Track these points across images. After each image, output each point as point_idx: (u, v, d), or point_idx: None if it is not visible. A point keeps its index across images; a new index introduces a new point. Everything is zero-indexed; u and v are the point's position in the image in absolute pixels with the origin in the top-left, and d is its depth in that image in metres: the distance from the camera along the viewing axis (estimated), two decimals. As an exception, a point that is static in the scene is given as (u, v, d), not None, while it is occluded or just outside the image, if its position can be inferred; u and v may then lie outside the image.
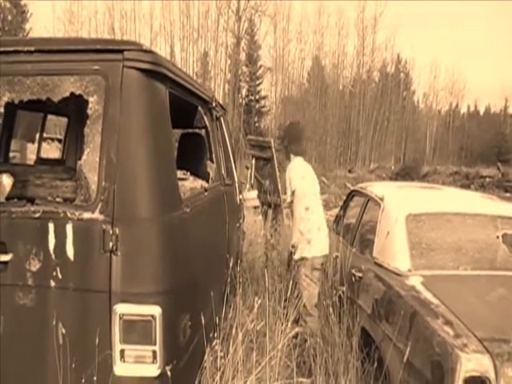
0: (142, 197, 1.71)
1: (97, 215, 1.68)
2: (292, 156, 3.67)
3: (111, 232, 1.67)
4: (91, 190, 1.72)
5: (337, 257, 3.72)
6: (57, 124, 12.44)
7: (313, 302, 3.40)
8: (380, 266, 3.01)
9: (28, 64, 1.76)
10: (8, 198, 1.90)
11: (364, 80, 37.68)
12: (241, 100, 32.28)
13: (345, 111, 36.56)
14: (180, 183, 2.14)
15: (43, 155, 4.36)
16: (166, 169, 1.87)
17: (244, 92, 33.87)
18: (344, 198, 4.77)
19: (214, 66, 31.25)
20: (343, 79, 38.18)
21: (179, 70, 2.20)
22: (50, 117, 4.24)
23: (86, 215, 1.69)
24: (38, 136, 4.35)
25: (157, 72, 1.82)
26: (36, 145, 4.43)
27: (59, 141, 6.50)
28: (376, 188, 3.85)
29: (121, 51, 1.74)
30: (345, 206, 4.49)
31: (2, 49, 1.76)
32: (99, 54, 1.74)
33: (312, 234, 3.42)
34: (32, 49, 1.75)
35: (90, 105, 1.75)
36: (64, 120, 4.32)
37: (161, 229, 1.74)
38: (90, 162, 1.74)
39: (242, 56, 32.56)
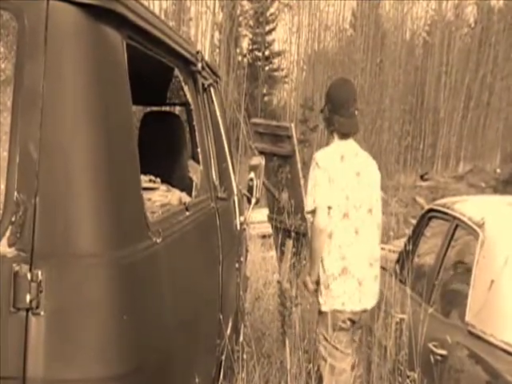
0: (82, 218, 1.73)
1: (3, 248, 1.69)
2: (335, 138, 3.74)
3: (29, 276, 1.67)
4: None
5: (401, 321, 3.73)
6: None
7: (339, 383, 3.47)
8: (478, 338, 3.02)
9: None
10: None
11: (449, 22, 37.75)
12: (240, 58, 32.53)
13: (415, 76, 36.68)
14: (145, 196, 2.17)
15: None
16: (123, 172, 1.89)
17: (245, 45, 34.22)
18: (413, 222, 4.78)
19: (196, 0, 31.54)
20: (412, 22, 38.37)
21: (144, 9, 2.24)
22: None
23: None
24: None
25: (107, 10, 1.85)
26: None
27: None
28: (470, 206, 3.87)
29: None
30: (415, 237, 4.50)
31: None
32: None
33: (333, 273, 3.52)
34: None
35: None
36: None
37: (115, 271, 1.75)
38: None
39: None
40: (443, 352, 3.21)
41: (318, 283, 3.61)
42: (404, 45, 36.47)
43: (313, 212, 3.58)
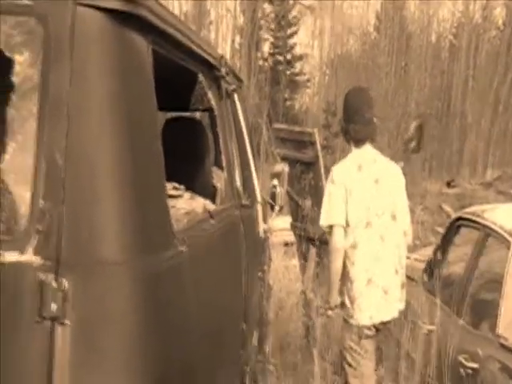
0: (108, 227, 1.74)
1: (29, 257, 1.70)
2: (352, 146, 3.80)
3: (55, 285, 1.68)
4: (18, 215, 1.75)
5: (430, 332, 3.71)
6: None
7: None
8: (511, 351, 3.01)
9: None
10: None
11: (477, 24, 37.46)
12: (261, 62, 32.50)
13: (441, 80, 36.45)
14: (169, 204, 2.18)
15: None
16: (148, 180, 1.90)
17: (266, 48, 34.17)
18: (440, 230, 4.76)
19: (217, 3, 31.60)
20: (438, 24, 38.17)
21: (169, 14, 2.26)
22: None
23: (9, 257, 1.71)
24: None
25: (133, 15, 1.87)
26: None
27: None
28: (501, 214, 3.84)
29: None
30: (443, 246, 4.48)
31: None
32: None
33: (358, 286, 3.53)
34: None
35: (16, 67, 1.78)
36: None
37: (140, 280, 1.76)
38: (15, 166, 1.76)
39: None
40: (474, 365, 3.18)
41: (342, 294, 3.62)
42: (430, 48, 36.28)
43: (328, 230, 3.62)
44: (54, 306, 1.68)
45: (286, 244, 8.19)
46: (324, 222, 3.64)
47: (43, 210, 1.72)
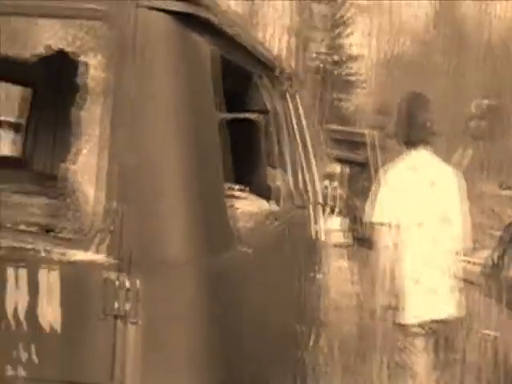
0: (172, 226, 1.77)
1: (98, 256, 1.74)
2: (407, 149, 3.79)
3: (127, 285, 1.71)
4: (89, 215, 1.78)
5: (490, 337, 3.66)
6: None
7: None
8: None
9: None
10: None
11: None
12: (311, 62, 32.26)
13: (497, 79, 35.69)
14: (235, 205, 2.22)
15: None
16: (210, 180, 1.94)
17: (318, 48, 33.86)
18: (496, 233, 4.69)
19: (265, 3, 31.52)
20: (495, 22, 37.37)
21: (227, 15, 2.27)
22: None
23: (78, 255, 1.74)
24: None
25: (195, 17, 1.90)
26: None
27: (13, 127, 6.73)
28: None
29: None
30: (501, 249, 4.39)
31: None
32: None
33: (406, 287, 3.53)
34: None
35: (82, 69, 1.82)
36: (20, 92, 4.47)
37: (205, 280, 1.79)
38: (84, 166, 1.80)
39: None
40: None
41: (390, 294, 3.61)
42: (486, 46, 35.59)
43: (378, 228, 3.62)
44: (116, 304, 1.70)
45: (339, 245, 8.16)
46: (374, 219, 3.64)
47: (113, 210, 1.75)
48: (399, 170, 3.70)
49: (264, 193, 3.03)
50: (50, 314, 1.74)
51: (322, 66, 33.36)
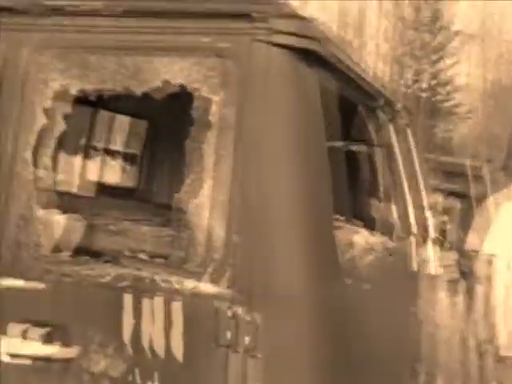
0: (285, 259, 1.78)
1: (206, 285, 1.77)
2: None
3: (248, 318, 1.72)
4: (201, 245, 1.82)
5: None
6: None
7: None
8: None
9: (110, 34, 1.96)
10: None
11: None
12: (405, 89, 31.51)
13: None
14: (353, 240, 2.21)
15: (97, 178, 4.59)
16: (322, 213, 1.94)
17: (411, 76, 32.88)
18: None
19: (358, 29, 31.19)
20: None
21: (336, 46, 2.27)
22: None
23: (201, 287, 1.77)
24: (100, 146, 4.62)
25: (308, 51, 1.91)
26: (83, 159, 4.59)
27: (124, 157, 6.95)
28: None
29: (248, 15, 1.82)
30: None
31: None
32: (228, 20, 1.85)
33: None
34: (119, 9, 1.93)
35: (198, 103, 1.86)
36: (132, 123, 4.61)
37: (319, 312, 1.78)
38: (207, 199, 1.83)
39: (409, 12, 31.72)
40: None
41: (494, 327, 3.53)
42: None
43: (489, 260, 3.53)
44: (228, 334, 1.72)
45: (452, 280, 7.94)
46: (485, 251, 3.55)
47: (220, 240, 1.78)
48: None
49: (367, 224, 2.99)
50: (175, 343, 1.78)
51: (423, 95, 32.73)
